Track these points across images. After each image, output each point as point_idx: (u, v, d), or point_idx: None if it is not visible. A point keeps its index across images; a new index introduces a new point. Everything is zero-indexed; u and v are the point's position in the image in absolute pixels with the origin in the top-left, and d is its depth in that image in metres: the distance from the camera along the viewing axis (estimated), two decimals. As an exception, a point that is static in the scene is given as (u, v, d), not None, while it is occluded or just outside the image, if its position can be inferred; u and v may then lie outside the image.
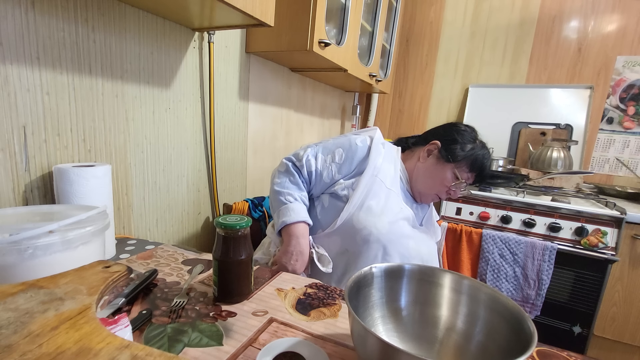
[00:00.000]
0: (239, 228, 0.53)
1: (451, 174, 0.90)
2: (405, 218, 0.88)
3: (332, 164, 0.89)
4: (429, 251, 0.91)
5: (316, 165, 0.89)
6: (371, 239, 0.82)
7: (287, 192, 0.87)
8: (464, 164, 0.90)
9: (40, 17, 0.65)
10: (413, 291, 0.51)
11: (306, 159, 0.89)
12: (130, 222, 0.91)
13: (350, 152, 0.89)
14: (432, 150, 0.94)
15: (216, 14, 0.85)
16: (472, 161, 0.90)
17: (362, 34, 1.59)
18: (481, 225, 1.50)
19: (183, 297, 0.55)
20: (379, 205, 0.84)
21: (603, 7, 1.81)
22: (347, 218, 0.84)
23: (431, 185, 0.93)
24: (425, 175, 0.94)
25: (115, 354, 0.31)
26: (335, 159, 0.89)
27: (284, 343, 0.46)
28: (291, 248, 0.81)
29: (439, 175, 0.91)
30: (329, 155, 0.90)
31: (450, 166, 0.90)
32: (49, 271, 0.47)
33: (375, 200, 0.85)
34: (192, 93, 1.04)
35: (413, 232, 0.90)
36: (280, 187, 0.88)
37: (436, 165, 0.92)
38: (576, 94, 1.90)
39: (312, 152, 0.91)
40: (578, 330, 1.40)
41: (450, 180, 0.90)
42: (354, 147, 0.90)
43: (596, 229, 1.33)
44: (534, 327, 0.37)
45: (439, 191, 0.93)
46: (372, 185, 0.86)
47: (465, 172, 0.90)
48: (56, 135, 0.71)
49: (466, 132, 0.95)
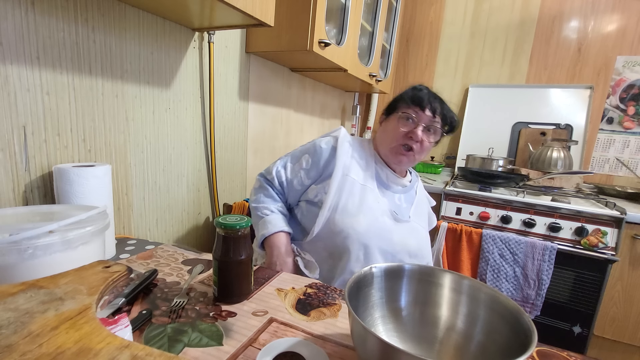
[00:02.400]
0: (239, 228, 0.53)
1: (397, 119, 0.88)
2: (385, 213, 0.86)
3: (301, 171, 0.91)
4: (418, 243, 0.89)
5: (286, 174, 0.92)
6: (350, 240, 0.81)
7: (263, 206, 0.90)
8: (401, 104, 0.88)
9: (40, 17, 0.65)
10: (413, 291, 0.51)
11: (275, 170, 0.93)
12: (130, 222, 0.91)
13: (316, 156, 0.90)
14: (381, 119, 0.96)
15: (216, 14, 0.85)
16: (406, 97, 0.88)
17: (362, 34, 1.59)
18: (481, 225, 1.50)
19: (183, 297, 0.55)
20: (355, 204, 0.84)
21: (603, 7, 1.81)
22: (324, 223, 0.83)
23: (387, 140, 0.90)
24: (381, 138, 0.93)
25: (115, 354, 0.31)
26: (303, 166, 0.91)
27: (284, 343, 0.46)
28: (274, 258, 0.83)
29: (389, 128, 0.90)
30: (296, 163, 0.92)
31: (393, 115, 0.90)
32: (49, 271, 0.47)
33: (350, 200, 0.84)
34: (192, 93, 1.04)
35: (396, 225, 0.87)
36: (256, 203, 0.91)
37: (385, 124, 0.93)
38: (576, 94, 1.90)
39: (281, 163, 0.94)
40: (578, 330, 1.40)
41: (398, 124, 0.87)
42: (318, 151, 0.90)
43: (596, 229, 1.33)
44: (534, 327, 0.37)
45: (397, 140, 0.88)
46: (344, 185, 0.85)
47: (408, 108, 0.87)
48: (56, 135, 0.71)
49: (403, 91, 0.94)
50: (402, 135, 0.87)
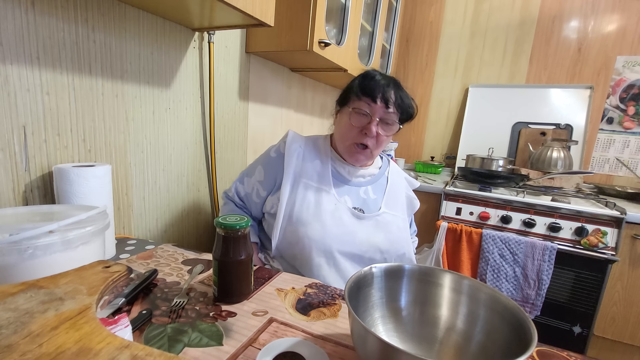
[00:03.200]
0: (239, 228, 0.53)
1: (349, 113, 0.82)
2: (344, 213, 0.81)
3: (256, 183, 0.89)
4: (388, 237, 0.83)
5: (244, 189, 0.91)
6: (307, 250, 0.77)
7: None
8: (352, 96, 0.82)
9: (40, 17, 0.65)
10: (413, 291, 0.51)
11: (234, 187, 0.93)
12: (130, 222, 0.91)
13: (268, 166, 0.87)
14: (336, 112, 0.90)
15: (216, 14, 0.85)
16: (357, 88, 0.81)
17: (362, 34, 1.59)
18: (481, 225, 1.50)
19: (183, 297, 0.55)
20: (310, 211, 0.79)
21: (603, 7, 1.81)
22: (281, 235, 0.80)
23: (343, 138, 0.84)
24: (337, 134, 0.88)
25: (115, 354, 0.31)
26: (257, 178, 0.89)
27: (284, 343, 0.46)
28: None
29: (343, 123, 0.84)
30: (252, 176, 0.90)
31: (346, 109, 0.83)
32: (49, 271, 0.47)
33: (304, 207, 0.80)
34: (192, 93, 1.04)
35: (360, 224, 0.82)
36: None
37: (339, 119, 0.87)
38: (576, 94, 1.90)
39: (239, 178, 0.93)
40: (578, 330, 1.40)
41: (351, 119, 0.81)
42: (269, 161, 0.87)
43: (596, 229, 1.33)
44: (534, 327, 0.37)
45: (353, 138, 0.82)
46: (296, 192, 0.81)
47: (360, 100, 0.80)
48: (56, 135, 0.71)
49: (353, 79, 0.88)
50: (356, 132, 0.81)
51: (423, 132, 2.30)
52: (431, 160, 2.22)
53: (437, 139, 2.28)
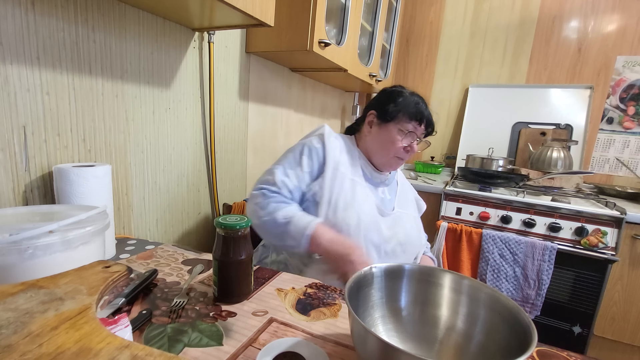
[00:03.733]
0: (239, 228, 0.53)
1: (396, 131, 0.91)
2: (372, 207, 0.88)
3: (304, 174, 0.89)
4: (405, 232, 0.91)
5: (291, 182, 0.87)
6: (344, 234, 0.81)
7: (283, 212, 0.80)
8: (402, 116, 0.90)
9: (40, 17, 0.65)
10: (413, 291, 0.51)
11: (280, 180, 0.86)
12: (130, 222, 0.91)
13: (313, 156, 0.90)
14: (372, 120, 0.95)
15: (216, 14, 0.85)
16: (408, 110, 0.90)
17: (362, 34, 1.59)
18: (481, 225, 1.50)
19: (183, 297, 0.55)
20: (346, 199, 0.85)
21: (603, 7, 1.81)
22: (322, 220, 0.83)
23: (385, 151, 0.93)
24: (377, 145, 0.94)
25: (115, 354, 0.31)
26: (305, 169, 0.89)
27: (284, 343, 0.46)
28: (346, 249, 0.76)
29: (387, 139, 0.92)
30: (297, 167, 0.89)
31: (392, 125, 0.91)
32: (49, 271, 0.47)
33: (342, 194, 0.85)
34: (192, 93, 1.04)
35: (383, 219, 0.89)
36: (270, 215, 0.80)
37: (380, 131, 0.93)
38: (576, 94, 1.90)
39: (281, 172, 0.87)
40: (578, 330, 1.40)
41: (398, 137, 0.90)
42: (313, 150, 0.90)
43: (596, 229, 1.33)
44: (534, 327, 0.37)
45: (396, 152, 0.92)
46: (335, 180, 0.86)
47: (408, 123, 0.90)
48: (56, 135, 0.71)
49: (393, 91, 0.95)
50: (400, 148, 0.91)
51: (423, 132, 2.30)
52: (431, 160, 2.22)
53: (437, 139, 2.27)
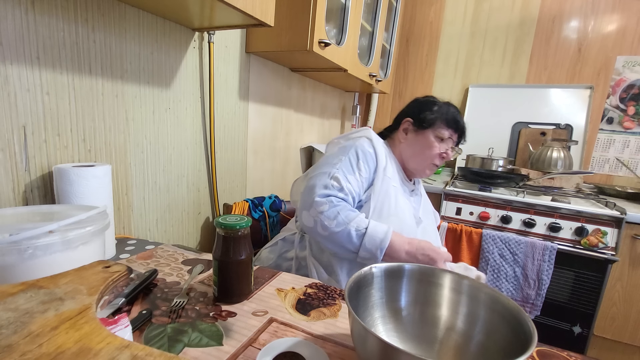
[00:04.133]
0: (239, 228, 0.53)
1: (433, 137, 0.93)
2: (410, 215, 0.90)
3: (363, 180, 0.86)
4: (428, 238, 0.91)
5: (354, 188, 0.84)
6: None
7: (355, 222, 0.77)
8: (439, 123, 0.93)
9: (40, 17, 0.65)
10: (413, 291, 0.51)
11: (346, 187, 0.82)
12: (130, 222, 0.91)
13: (369, 160, 0.88)
14: (408, 127, 0.98)
15: (216, 14, 0.85)
16: (445, 118, 0.93)
17: (362, 34, 1.59)
18: (481, 225, 1.50)
19: (183, 297, 0.55)
20: (390, 205, 0.85)
21: (603, 7, 1.81)
22: None
23: (422, 157, 0.95)
24: (413, 151, 0.96)
25: (115, 354, 0.31)
26: (363, 174, 0.87)
27: (284, 343, 0.46)
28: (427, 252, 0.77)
29: (424, 144, 0.94)
30: (356, 173, 0.86)
31: (429, 131, 0.94)
32: (49, 271, 0.47)
33: (387, 201, 0.85)
34: (192, 93, 1.04)
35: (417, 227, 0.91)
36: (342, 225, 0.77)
37: (417, 137, 0.95)
38: (576, 94, 1.90)
39: (343, 177, 0.83)
40: (578, 330, 1.40)
41: (435, 143, 0.93)
42: (368, 154, 0.89)
43: (596, 229, 1.33)
44: (534, 327, 0.37)
45: (432, 158, 0.94)
46: (382, 186, 0.87)
47: (445, 130, 0.93)
48: (56, 135, 0.71)
49: (428, 100, 0.99)
50: (437, 155, 0.93)
51: (423, 132, 2.30)
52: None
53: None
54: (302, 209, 0.83)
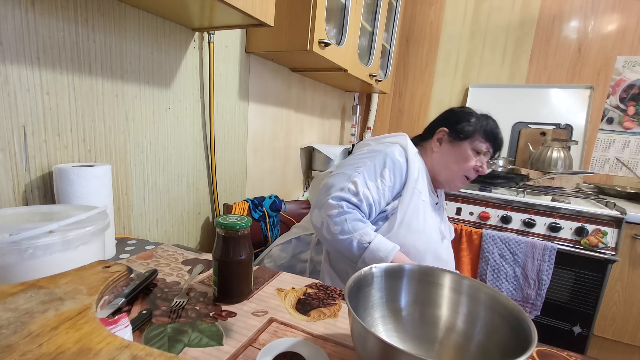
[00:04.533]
0: (239, 228, 0.53)
1: (470, 149, 0.89)
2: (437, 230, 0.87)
3: (385, 188, 0.82)
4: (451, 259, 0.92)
5: (372, 195, 0.80)
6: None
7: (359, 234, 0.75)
8: (477, 135, 0.89)
9: (40, 17, 0.65)
10: (413, 291, 0.51)
11: (362, 192, 0.78)
12: (130, 222, 0.91)
13: (397, 170, 0.84)
14: (442, 137, 0.93)
15: (216, 14, 0.85)
16: (483, 130, 0.89)
17: (362, 34, 1.59)
18: (481, 225, 1.49)
19: (183, 297, 0.55)
20: (419, 222, 0.81)
21: (603, 7, 1.81)
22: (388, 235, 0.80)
23: (456, 169, 0.91)
24: (446, 162, 0.92)
25: (115, 354, 0.31)
26: (387, 183, 0.82)
27: (284, 343, 0.46)
28: None
29: (459, 156, 0.90)
30: (378, 180, 0.82)
31: (465, 143, 0.90)
32: (49, 271, 0.47)
33: (415, 217, 0.81)
34: (192, 93, 1.04)
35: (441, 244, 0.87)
36: (346, 234, 0.75)
37: (452, 149, 0.91)
38: (576, 94, 1.90)
39: (362, 182, 0.80)
40: (578, 330, 1.40)
41: (471, 155, 0.89)
42: (397, 164, 0.84)
43: (596, 229, 1.33)
44: (534, 327, 0.37)
45: (466, 171, 0.90)
46: (411, 200, 0.82)
47: (482, 143, 0.90)
48: (56, 135, 0.71)
49: (465, 111, 0.95)
50: (471, 168, 0.90)
51: (423, 132, 2.30)
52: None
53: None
54: (315, 206, 0.82)
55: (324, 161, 1.76)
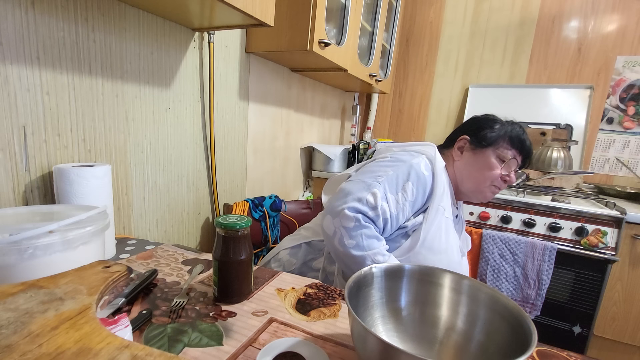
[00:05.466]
0: (239, 228, 0.53)
1: (495, 157, 0.84)
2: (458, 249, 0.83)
3: (406, 203, 0.76)
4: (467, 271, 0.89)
5: (390, 209, 0.74)
6: None
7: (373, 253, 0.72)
8: (502, 142, 0.84)
9: (40, 17, 0.65)
10: (413, 291, 0.51)
11: (380, 206, 0.74)
12: (130, 222, 0.91)
13: (421, 185, 0.78)
14: (464, 145, 0.88)
15: (216, 14, 0.85)
16: (509, 137, 0.83)
17: (362, 34, 1.59)
18: (481, 225, 1.49)
19: (183, 297, 0.55)
20: (441, 240, 0.78)
21: (603, 7, 1.81)
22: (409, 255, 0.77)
23: (481, 178, 0.84)
24: (469, 171, 0.86)
25: (115, 354, 0.31)
26: (408, 197, 0.77)
27: (284, 343, 0.46)
28: None
29: (483, 165, 0.84)
30: (399, 193, 0.76)
31: (489, 150, 0.84)
32: (49, 271, 0.47)
33: (438, 236, 0.77)
34: (192, 93, 1.04)
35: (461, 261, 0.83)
36: (360, 250, 0.71)
37: (475, 157, 0.85)
38: (576, 94, 1.90)
39: (382, 194, 0.74)
40: (578, 330, 1.40)
41: (497, 163, 0.83)
42: (422, 178, 0.79)
43: (596, 229, 1.33)
44: (534, 327, 0.37)
45: (493, 180, 0.84)
46: (435, 218, 0.78)
47: (508, 150, 0.84)
48: (56, 135, 0.71)
49: (488, 118, 0.89)
50: (499, 177, 0.83)
51: (423, 132, 2.30)
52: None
53: (437, 139, 2.27)
54: (327, 212, 0.77)
55: (324, 161, 1.76)
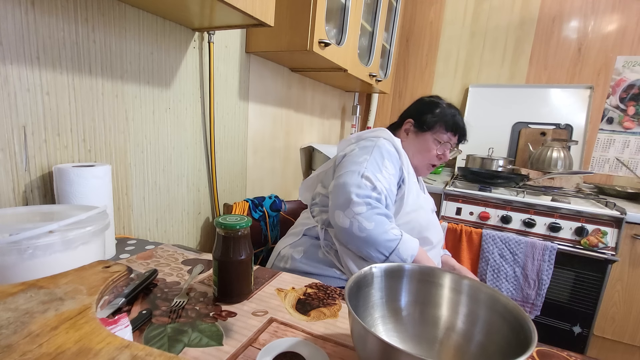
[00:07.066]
0: (239, 228, 0.53)
1: (432, 140, 0.98)
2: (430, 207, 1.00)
3: (390, 177, 0.85)
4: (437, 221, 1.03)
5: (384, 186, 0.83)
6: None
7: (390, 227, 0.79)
8: (439, 127, 0.98)
9: (40, 17, 0.65)
10: (413, 291, 0.51)
11: (377, 185, 0.80)
12: (130, 222, 0.91)
13: (393, 159, 0.90)
14: (409, 128, 1.02)
15: (216, 14, 0.85)
16: (445, 122, 0.98)
17: (362, 34, 1.59)
18: (481, 225, 1.49)
19: (183, 297, 0.55)
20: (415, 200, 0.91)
21: (603, 7, 1.81)
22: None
23: (422, 157, 1.00)
24: (413, 152, 1.00)
25: (115, 354, 0.31)
26: (390, 171, 0.86)
27: (284, 343, 0.46)
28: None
29: (424, 147, 0.99)
30: (383, 171, 0.84)
31: (428, 134, 0.99)
32: (49, 271, 0.47)
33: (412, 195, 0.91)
34: (192, 93, 1.04)
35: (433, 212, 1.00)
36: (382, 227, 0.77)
37: (417, 139, 1.00)
38: (576, 94, 1.90)
39: (373, 175, 0.81)
40: (578, 330, 1.40)
41: (434, 146, 0.98)
42: (392, 154, 0.91)
43: (596, 229, 1.33)
44: (534, 327, 0.37)
45: (431, 159, 1.00)
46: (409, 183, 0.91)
47: (444, 134, 0.98)
48: (56, 135, 0.71)
49: (431, 101, 1.03)
50: (435, 156, 0.99)
51: (423, 132, 2.30)
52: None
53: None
54: (335, 208, 0.80)
55: (324, 161, 1.76)
